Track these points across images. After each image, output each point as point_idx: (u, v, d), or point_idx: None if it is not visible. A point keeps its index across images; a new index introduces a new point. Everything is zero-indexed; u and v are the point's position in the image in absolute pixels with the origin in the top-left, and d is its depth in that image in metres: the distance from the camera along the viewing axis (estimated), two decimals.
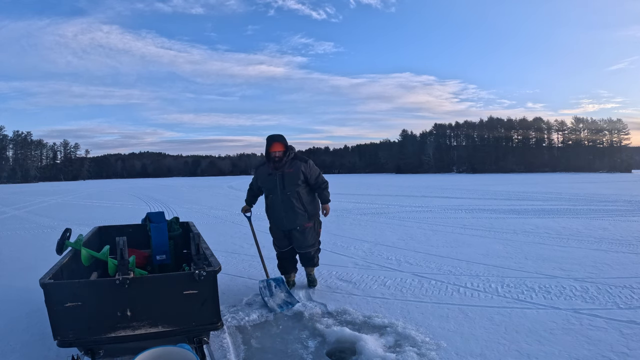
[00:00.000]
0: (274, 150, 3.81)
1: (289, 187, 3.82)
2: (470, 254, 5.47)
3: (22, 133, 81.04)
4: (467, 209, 11.10)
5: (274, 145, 3.81)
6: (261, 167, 4.02)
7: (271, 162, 3.83)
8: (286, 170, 3.81)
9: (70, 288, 2.13)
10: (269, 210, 4.00)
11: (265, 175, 3.92)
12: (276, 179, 3.84)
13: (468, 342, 2.78)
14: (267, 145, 3.85)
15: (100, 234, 3.91)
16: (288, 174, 3.82)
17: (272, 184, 3.87)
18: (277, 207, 3.88)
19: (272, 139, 3.84)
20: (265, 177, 3.93)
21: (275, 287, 3.73)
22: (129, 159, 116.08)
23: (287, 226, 3.90)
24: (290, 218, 3.86)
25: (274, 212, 3.94)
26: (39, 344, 2.85)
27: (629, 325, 2.99)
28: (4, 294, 4.03)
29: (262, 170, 3.97)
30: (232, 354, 2.69)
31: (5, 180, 68.07)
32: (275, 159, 3.80)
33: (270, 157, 3.82)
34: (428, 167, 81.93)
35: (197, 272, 2.26)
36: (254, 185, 4.17)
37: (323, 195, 4.02)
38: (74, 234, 3.01)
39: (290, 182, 3.82)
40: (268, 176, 3.89)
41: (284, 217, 3.87)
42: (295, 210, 3.83)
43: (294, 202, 3.83)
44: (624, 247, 5.67)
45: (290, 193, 3.82)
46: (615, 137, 74.38)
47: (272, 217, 4.00)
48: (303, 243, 3.94)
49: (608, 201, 12.73)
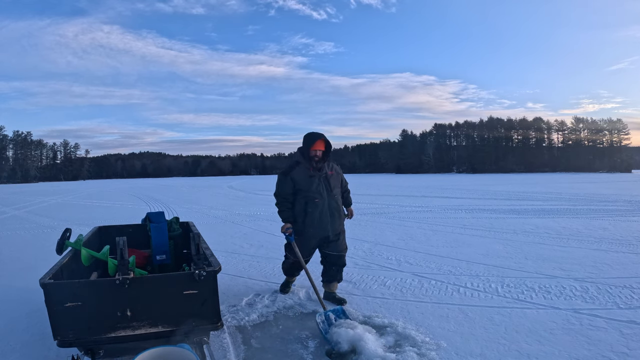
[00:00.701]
0: (316, 148, 3.48)
1: (334, 189, 3.59)
2: (470, 254, 5.47)
3: (22, 133, 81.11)
4: (467, 209, 11.10)
5: (318, 143, 3.48)
6: (296, 168, 3.55)
7: (311, 162, 3.50)
8: (328, 172, 3.57)
9: (70, 288, 2.13)
10: (310, 217, 3.51)
11: (305, 177, 3.50)
12: (321, 180, 3.53)
13: (468, 342, 2.78)
14: (308, 142, 3.50)
15: (100, 234, 3.91)
16: (331, 176, 3.59)
17: (317, 186, 3.51)
18: (323, 212, 3.52)
19: (316, 136, 3.50)
20: (306, 180, 3.50)
21: (335, 319, 3.08)
22: (129, 159, 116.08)
23: (330, 231, 3.56)
24: (335, 223, 3.58)
25: (318, 219, 3.51)
26: (39, 344, 2.85)
27: (629, 325, 2.99)
28: (4, 294, 4.03)
29: (299, 172, 3.52)
30: (232, 354, 2.69)
31: (5, 180, 68.06)
32: (315, 158, 3.49)
33: (309, 156, 3.49)
34: (428, 167, 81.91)
35: (197, 272, 2.26)
36: (286, 191, 3.55)
37: (349, 199, 3.90)
38: (74, 234, 3.01)
39: (334, 185, 3.61)
40: (310, 178, 3.50)
41: (330, 223, 3.54)
42: (340, 214, 3.64)
43: (339, 205, 3.63)
44: (624, 247, 5.67)
45: (337, 196, 3.61)
46: (615, 137, 74.37)
47: (313, 223, 3.51)
48: (340, 246, 3.68)
49: (608, 201, 12.73)
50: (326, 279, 3.75)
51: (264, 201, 15.63)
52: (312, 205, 3.49)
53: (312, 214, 3.49)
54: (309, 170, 3.51)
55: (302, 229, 3.56)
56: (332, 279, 3.72)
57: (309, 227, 3.52)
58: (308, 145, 3.49)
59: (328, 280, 3.74)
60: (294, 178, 3.51)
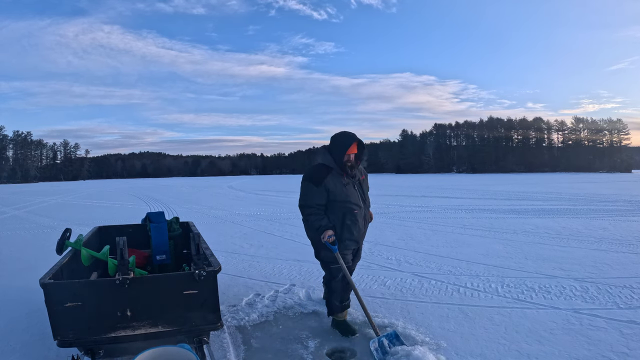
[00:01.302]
0: (351, 152, 2.99)
1: (367, 196, 3.23)
2: (470, 254, 5.47)
3: (22, 133, 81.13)
4: (467, 209, 11.10)
5: (354, 146, 3.00)
6: (328, 176, 2.98)
7: (345, 168, 3.01)
8: (360, 177, 3.17)
9: (70, 288, 2.13)
10: (346, 230, 3.02)
11: (340, 185, 2.99)
12: (356, 188, 3.10)
13: (468, 342, 2.78)
14: (343, 145, 2.98)
15: (100, 234, 3.91)
16: (364, 181, 3.22)
17: (354, 194, 3.05)
18: (360, 224, 3.09)
19: (352, 139, 2.99)
20: (341, 188, 2.99)
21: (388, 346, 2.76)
22: (129, 159, 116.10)
23: (361, 242, 3.22)
24: (365, 232, 3.22)
25: (356, 230, 3.06)
26: (39, 344, 2.85)
27: (629, 325, 2.99)
28: (4, 294, 4.03)
29: (332, 179, 2.98)
30: (232, 354, 2.69)
31: (5, 180, 68.07)
32: (349, 163, 3.01)
33: (343, 160, 2.98)
34: (428, 167, 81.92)
35: (197, 272, 2.26)
36: (318, 202, 2.98)
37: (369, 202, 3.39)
38: (74, 234, 3.01)
39: (367, 190, 3.26)
40: (346, 186, 3.02)
41: (364, 232, 3.19)
42: (368, 221, 3.24)
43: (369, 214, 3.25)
44: (624, 247, 5.67)
45: (369, 204, 3.23)
46: (615, 137, 74.37)
47: (350, 237, 3.04)
48: (360, 255, 3.37)
49: (608, 201, 12.73)
50: None
51: (264, 201, 15.63)
52: (351, 216, 3.02)
53: (350, 227, 3.02)
54: (343, 177, 3.03)
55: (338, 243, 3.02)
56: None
57: (346, 240, 3.04)
58: (343, 149, 2.98)
59: None
60: (328, 188, 2.97)
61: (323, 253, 3.07)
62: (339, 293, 3.11)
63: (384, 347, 2.73)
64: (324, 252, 3.06)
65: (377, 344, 2.74)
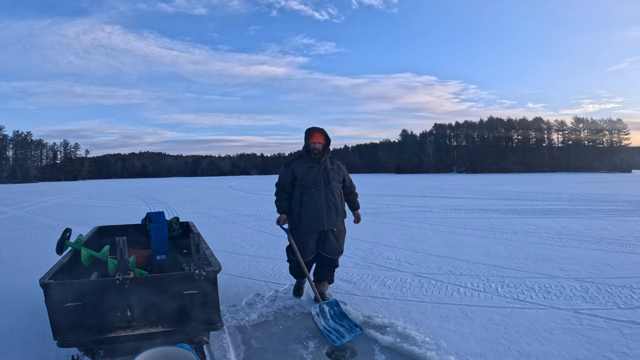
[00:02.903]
0: (315, 140, 3.54)
1: (333, 182, 3.58)
2: (470, 254, 5.47)
3: (22, 133, 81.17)
4: (467, 209, 11.10)
5: (316, 135, 3.55)
6: (295, 161, 3.64)
7: (310, 154, 3.56)
8: (328, 166, 3.59)
9: (70, 288, 2.13)
10: (304, 206, 3.52)
11: (303, 168, 3.56)
12: (320, 171, 3.55)
13: (468, 342, 2.78)
14: (307, 136, 3.58)
15: (100, 234, 3.91)
16: (331, 170, 3.60)
17: (314, 177, 3.53)
18: (318, 204, 3.50)
19: (313, 129, 3.58)
20: (304, 170, 3.55)
21: (329, 312, 3.20)
22: (129, 159, 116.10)
23: (326, 226, 3.52)
24: (331, 217, 3.53)
25: (314, 210, 3.49)
26: (39, 344, 2.85)
27: (629, 325, 2.99)
28: (4, 294, 4.03)
29: (298, 164, 3.60)
30: (232, 354, 2.69)
31: (5, 180, 68.08)
32: (315, 150, 3.55)
33: (309, 149, 3.56)
34: (428, 167, 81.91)
35: (197, 272, 2.26)
36: (286, 181, 3.61)
37: (356, 202, 3.84)
38: (74, 234, 3.01)
39: (333, 178, 3.59)
40: (308, 169, 3.55)
41: (325, 216, 3.51)
42: (337, 208, 3.57)
43: (337, 199, 3.58)
44: (624, 247, 5.67)
45: (334, 189, 3.57)
46: (615, 137, 74.36)
47: (308, 215, 3.51)
48: (335, 248, 3.61)
49: (608, 201, 12.73)
50: (317, 278, 3.74)
51: (264, 201, 15.63)
52: (308, 195, 3.51)
53: (307, 204, 3.50)
54: (308, 162, 3.57)
55: (297, 222, 3.55)
56: (322, 279, 3.73)
57: (304, 218, 3.51)
58: (307, 138, 3.57)
59: (319, 279, 3.73)
60: (293, 169, 3.59)
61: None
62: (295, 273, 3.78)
63: (324, 312, 3.16)
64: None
65: (318, 309, 3.16)
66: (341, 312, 3.20)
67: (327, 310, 3.18)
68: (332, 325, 3.04)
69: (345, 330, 2.99)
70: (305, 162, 3.58)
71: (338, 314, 3.18)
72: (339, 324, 3.07)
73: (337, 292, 3.94)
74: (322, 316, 3.12)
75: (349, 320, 3.11)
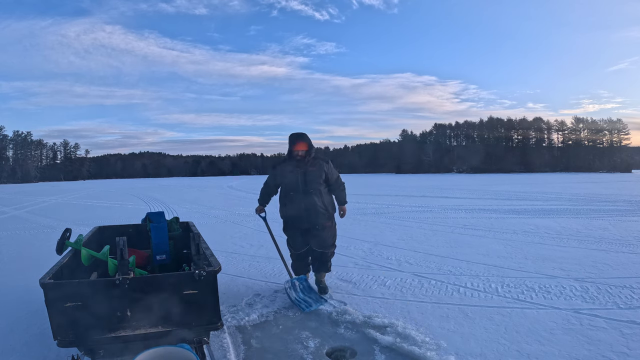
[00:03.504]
0: (298, 149, 3.79)
1: (311, 184, 3.78)
2: (470, 254, 5.47)
3: (22, 133, 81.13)
4: (467, 209, 11.10)
5: (298, 144, 3.79)
6: (281, 164, 3.94)
7: (293, 160, 3.82)
8: (309, 168, 3.80)
9: (70, 288, 2.13)
10: (286, 208, 3.89)
11: (286, 172, 3.86)
12: (298, 176, 3.79)
13: (468, 342, 2.78)
14: (290, 143, 3.83)
15: (100, 234, 3.91)
16: (311, 171, 3.80)
17: (294, 180, 3.80)
18: (297, 205, 3.80)
19: (296, 138, 3.82)
20: (286, 174, 3.85)
21: (299, 286, 3.74)
22: (129, 159, 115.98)
23: (306, 225, 3.81)
24: (310, 217, 3.79)
25: (294, 210, 3.83)
26: (39, 344, 2.85)
27: (629, 325, 2.99)
28: (4, 294, 4.03)
29: (283, 167, 3.90)
30: (232, 354, 2.69)
31: (5, 180, 68.04)
32: (297, 157, 3.79)
33: (292, 155, 3.81)
34: (428, 167, 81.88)
35: (197, 272, 2.26)
36: (270, 183, 4.06)
37: (341, 196, 4.01)
38: (74, 234, 3.01)
39: (312, 179, 3.79)
40: (290, 173, 3.83)
41: (305, 216, 3.79)
42: (317, 208, 3.78)
43: (316, 200, 3.78)
44: (624, 247, 5.67)
45: (312, 191, 3.78)
46: (615, 137, 74.29)
47: (290, 214, 3.88)
48: (323, 242, 3.86)
49: (608, 201, 12.73)
50: (314, 269, 4.04)
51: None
52: (289, 197, 3.86)
53: (288, 206, 3.87)
54: (291, 166, 3.84)
55: (285, 222, 3.98)
56: (318, 270, 4.00)
57: (288, 219, 3.92)
58: (290, 146, 3.84)
59: (316, 270, 4.02)
60: (277, 172, 3.96)
61: None
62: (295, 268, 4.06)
63: (295, 286, 3.74)
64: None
65: (290, 284, 3.78)
66: (309, 286, 3.77)
67: (297, 284, 3.76)
68: (302, 297, 3.61)
69: (313, 300, 3.56)
70: (287, 166, 3.87)
71: (307, 288, 3.74)
72: (307, 296, 3.65)
73: (337, 292, 3.94)
74: (292, 289, 3.70)
75: (315, 294, 3.71)
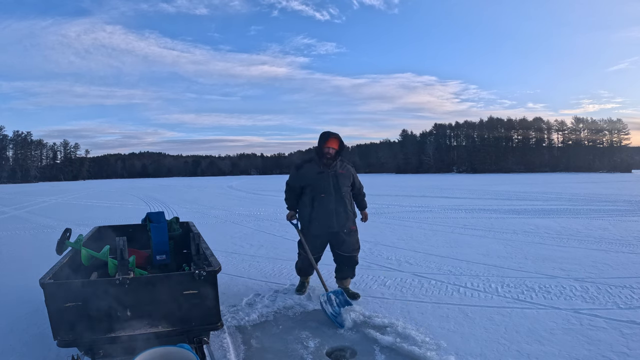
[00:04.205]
0: (329, 145, 3.62)
1: (343, 188, 3.68)
2: (470, 254, 5.47)
3: (22, 133, 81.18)
4: (467, 209, 11.10)
5: (331, 140, 3.63)
6: (305, 164, 3.73)
7: (323, 158, 3.63)
8: (339, 170, 3.68)
9: (70, 288, 2.13)
10: (314, 210, 3.66)
11: (313, 173, 3.65)
12: (330, 178, 3.64)
13: (468, 342, 2.78)
14: (321, 140, 3.65)
15: (100, 234, 3.91)
16: (341, 174, 3.68)
17: (325, 183, 3.63)
18: (328, 208, 3.62)
19: (329, 135, 3.65)
20: (314, 176, 3.65)
21: (336, 300, 3.41)
22: (129, 159, 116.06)
23: (336, 228, 3.66)
24: (340, 220, 3.66)
25: (323, 214, 3.63)
26: (39, 344, 2.85)
27: (629, 325, 2.99)
28: (4, 294, 4.03)
29: (308, 168, 3.69)
30: (232, 354, 2.69)
31: (5, 180, 68.06)
32: (327, 155, 3.62)
33: (322, 152, 3.63)
34: (428, 167, 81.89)
35: (197, 272, 2.26)
36: (295, 185, 3.77)
37: (364, 202, 3.95)
38: (74, 234, 3.00)
39: (343, 183, 3.69)
40: (318, 174, 3.64)
41: (335, 219, 3.64)
42: (347, 212, 3.69)
43: (347, 204, 3.69)
44: (624, 247, 5.67)
45: (344, 194, 3.68)
46: (615, 137, 74.33)
47: (318, 218, 3.65)
48: (350, 246, 3.75)
49: (608, 201, 12.73)
50: (339, 276, 3.91)
51: (264, 201, 15.63)
52: (319, 200, 3.63)
53: (317, 209, 3.64)
54: (320, 167, 3.65)
55: (308, 225, 3.72)
56: (344, 276, 3.89)
57: (314, 222, 3.66)
58: (321, 142, 3.63)
59: (341, 277, 3.90)
60: (303, 173, 3.71)
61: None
62: (299, 268, 3.92)
63: (331, 300, 3.39)
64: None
65: (325, 297, 3.40)
66: (346, 300, 3.42)
67: (333, 298, 3.41)
68: (338, 311, 3.25)
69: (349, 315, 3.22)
70: (315, 167, 3.68)
71: (343, 302, 3.39)
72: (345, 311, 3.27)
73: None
74: (329, 303, 3.35)
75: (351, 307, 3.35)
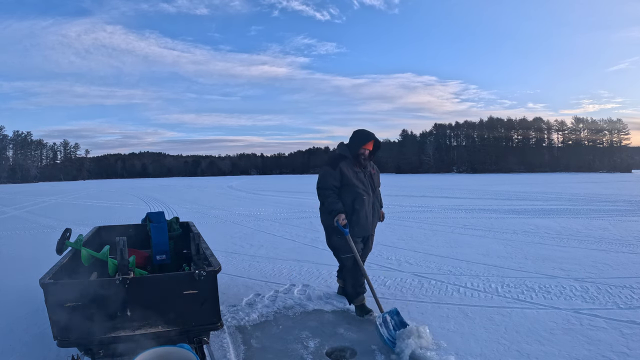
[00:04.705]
0: (367, 147, 3.46)
1: (377, 188, 3.62)
2: (470, 254, 5.47)
3: (22, 133, 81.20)
4: (467, 209, 11.10)
5: (370, 143, 3.47)
6: (342, 162, 3.42)
7: (358, 159, 3.44)
8: (371, 170, 3.59)
9: (70, 288, 2.13)
10: (355, 215, 3.37)
11: (352, 171, 3.42)
12: (367, 178, 3.51)
13: (468, 342, 2.78)
14: (360, 140, 3.44)
15: (100, 234, 3.91)
16: (375, 175, 3.61)
17: (365, 182, 3.47)
18: (368, 210, 3.46)
19: (370, 136, 3.45)
20: (354, 176, 3.42)
21: (392, 322, 3.01)
22: (129, 159, 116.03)
23: (370, 230, 3.54)
24: (375, 221, 3.59)
25: (365, 216, 3.42)
26: (39, 344, 2.85)
27: (629, 325, 2.99)
28: (4, 294, 4.03)
29: (346, 165, 3.42)
30: (232, 354, 2.69)
31: (5, 180, 68.05)
32: (363, 156, 3.45)
33: (358, 153, 3.43)
34: (428, 167, 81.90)
35: (197, 272, 2.26)
36: (334, 184, 3.38)
37: (381, 201, 3.77)
38: (74, 234, 3.01)
39: (377, 183, 3.64)
40: (358, 174, 3.45)
41: (372, 221, 3.53)
42: (378, 213, 3.63)
43: (378, 204, 3.62)
44: (624, 247, 5.67)
45: (379, 194, 3.64)
46: (615, 137, 74.32)
47: (359, 221, 3.39)
48: (370, 248, 3.71)
49: (608, 201, 12.73)
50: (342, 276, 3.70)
51: (264, 201, 15.63)
52: (360, 201, 3.38)
53: (359, 211, 3.37)
54: (355, 166, 3.45)
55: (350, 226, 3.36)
56: None
57: (355, 226, 3.36)
58: (360, 143, 3.43)
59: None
60: (342, 171, 3.38)
61: (334, 239, 3.41)
62: (350, 281, 3.41)
63: (387, 323, 2.99)
64: (335, 238, 3.40)
65: (381, 320, 2.99)
66: (402, 321, 3.03)
67: (389, 320, 3.03)
68: (394, 335, 2.86)
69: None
70: (351, 166, 3.44)
71: (399, 324, 3.02)
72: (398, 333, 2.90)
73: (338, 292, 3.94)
74: (385, 326, 2.95)
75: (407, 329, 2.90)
